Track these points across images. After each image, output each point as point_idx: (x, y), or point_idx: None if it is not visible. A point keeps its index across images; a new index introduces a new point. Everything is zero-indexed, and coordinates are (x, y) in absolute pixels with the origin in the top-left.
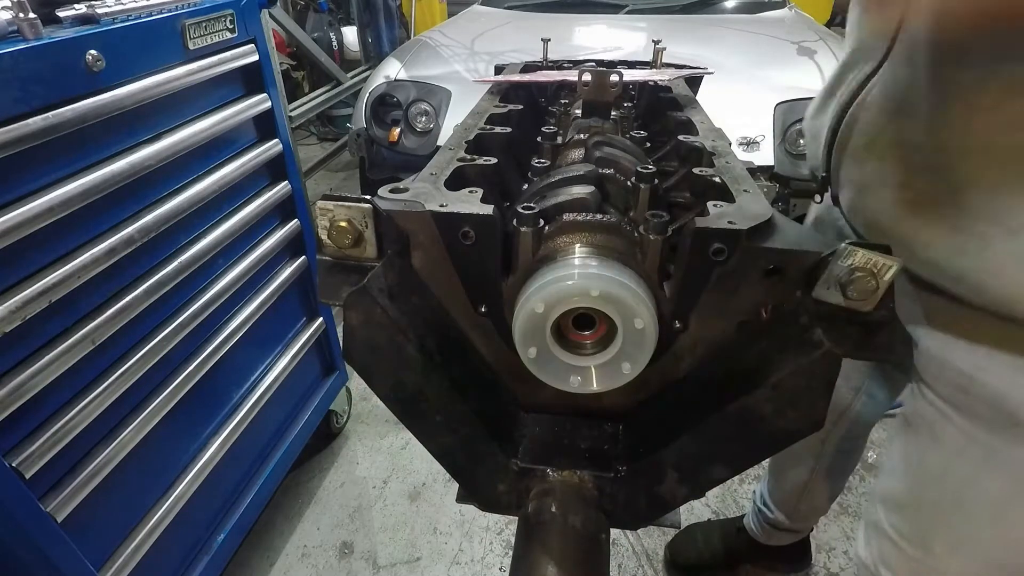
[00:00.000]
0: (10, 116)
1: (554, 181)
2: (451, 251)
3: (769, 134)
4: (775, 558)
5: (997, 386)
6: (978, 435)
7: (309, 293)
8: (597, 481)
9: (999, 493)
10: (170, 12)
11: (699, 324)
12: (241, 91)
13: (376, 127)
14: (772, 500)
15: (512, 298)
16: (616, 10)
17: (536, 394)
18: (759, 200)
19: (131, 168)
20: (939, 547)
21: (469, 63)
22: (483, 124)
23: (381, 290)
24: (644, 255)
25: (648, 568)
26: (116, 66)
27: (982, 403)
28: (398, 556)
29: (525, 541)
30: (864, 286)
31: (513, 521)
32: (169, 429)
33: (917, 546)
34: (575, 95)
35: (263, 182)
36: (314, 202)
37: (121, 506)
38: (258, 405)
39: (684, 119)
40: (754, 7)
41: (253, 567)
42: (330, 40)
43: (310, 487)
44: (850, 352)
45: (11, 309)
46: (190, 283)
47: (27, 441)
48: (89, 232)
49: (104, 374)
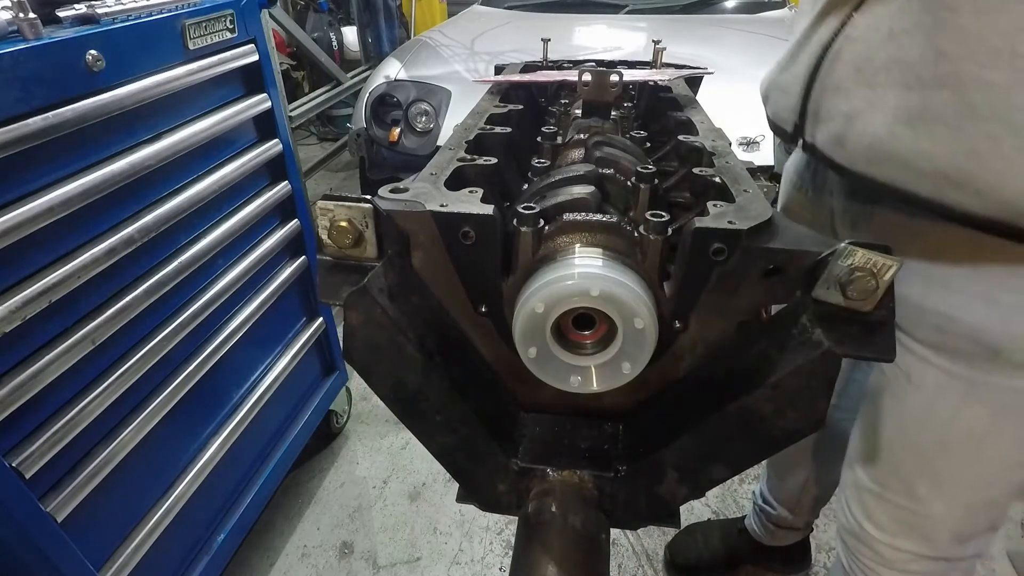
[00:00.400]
0: (10, 116)
1: (554, 181)
2: (451, 251)
3: (769, 134)
4: (775, 559)
5: (973, 322)
6: (958, 370)
7: (309, 293)
8: (597, 481)
9: (979, 426)
10: (170, 12)
11: (699, 324)
12: (241, 91)
13: (376, 127)
14: (774, 497)
15: (512, 298)
16: (616, 10)
17: (536, 394)
18: (759, 200)
19: (131, 168)
20: (923, 489)
21: (469, 63)
22: (483, 124)
23: (381, 290)
24: (644, 255)
25: (648, 568)
26: (116, 66)
27: (961, 339)
28: (398, 556)
29: (525, 541)
30: (864, 286)
31: (513, 521)
32: (169, 429)
33: (901, 493)
34: (575, 95)
35: (263, 182)
36: (314, 202)
37: (121, 506)
38: (258, 405)
39: (684, 119)
40: (754, 7)
41: (253, 567)
42: (330, 40)
43: (310, 487)
44: (850, 352)
45: (11, 309)
46: (190, 283)
47: (27, 441)
48: (89, 232)
49: (104, 374)
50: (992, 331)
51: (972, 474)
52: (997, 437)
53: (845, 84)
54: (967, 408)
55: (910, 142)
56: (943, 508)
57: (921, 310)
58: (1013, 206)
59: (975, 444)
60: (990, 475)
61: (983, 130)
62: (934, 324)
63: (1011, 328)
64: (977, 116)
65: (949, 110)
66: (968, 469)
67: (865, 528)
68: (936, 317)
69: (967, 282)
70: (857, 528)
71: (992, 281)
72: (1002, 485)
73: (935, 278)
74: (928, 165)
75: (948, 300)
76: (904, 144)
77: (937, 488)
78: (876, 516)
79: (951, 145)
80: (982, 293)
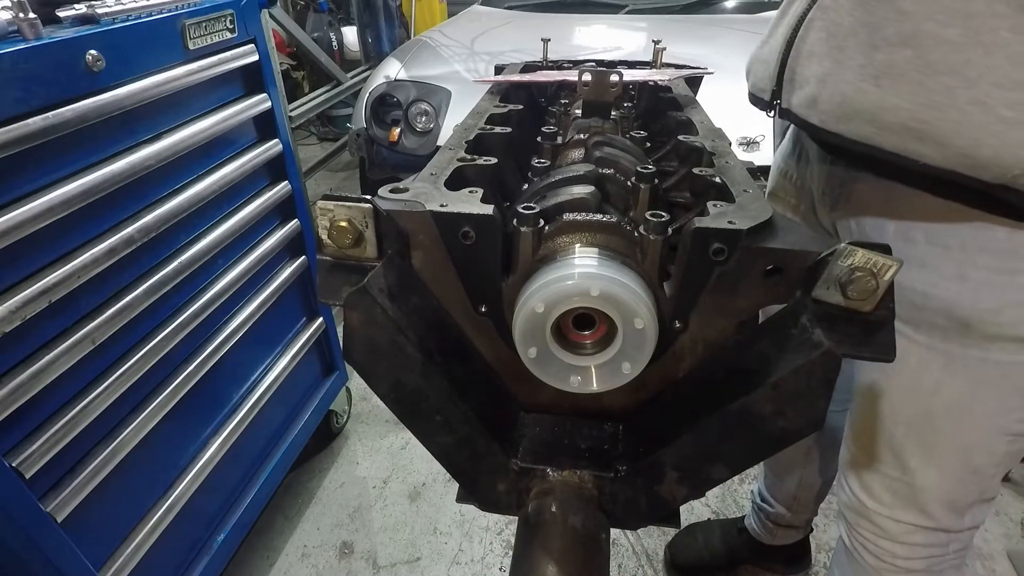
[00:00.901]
0: (10, 116)
1: (554, 181)
2: (451, 251)
3: (769, 134)
4: (775, 558)
5: (946, 298)
6: (936, 345)
7: (309, 293)
8: (597, 481)
9: (960, 397)
10: (170, 12)
11: (699, 324)
12: (241, 91)
13: (376, 127)
14: (771, 495)
15: (512, 298)
16: (616, 10)
17: (536, 394)
18: (759, 200)
19: (131, 168)
20: (914, 461)
21: (469, 63)
22: (483, 124)
23: (381, 290)
24: (644, 255)
25: (648, 568)
26: (116, 66)
27: (937, 314)
28: (398, 556)
29: (525, 541)
30: (864, 286)
31: (513, 521)
32: (169, 429)
33: (894, 466)
34: (575, 95)
35: (263, 182)
36: (314, 202)
37: (121, 506)
38: (258, 405)
39: (684, 119)
40: (754, 7)
41: (253, 567)
42: (330, 40)
43: (310, 487)
44: (850, 352)
45: (11, 309)
46: (190, 283)
47: (27, 441)
48: (89, 232)
49: (104, 374)
50: (963, 306)
51: (957, 444)
52: (977, 407)
53: (818, 49)
54: (948, 381)
55: (876, 98)
56: (934, 478)
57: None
58: (968, 156)
59: (957, 415)
60: (973, 444)
61: (941, 84)
62: (911, 301)
63: (980, 303)
64: (935, 71)
65: (911, 66)
66: (953, 439)
67: (864, 502)
68: (913, 295)
69: (940, 260)
70: (856, 503)
71: (963, 258)
72: (986, 453)
73: (912, 257)
74: (893, 118)
75: (924, 278)
76: (870, 99)
77: (926, 459)
78: (873, 489)
79: (913, 99)
80: (954, 270)
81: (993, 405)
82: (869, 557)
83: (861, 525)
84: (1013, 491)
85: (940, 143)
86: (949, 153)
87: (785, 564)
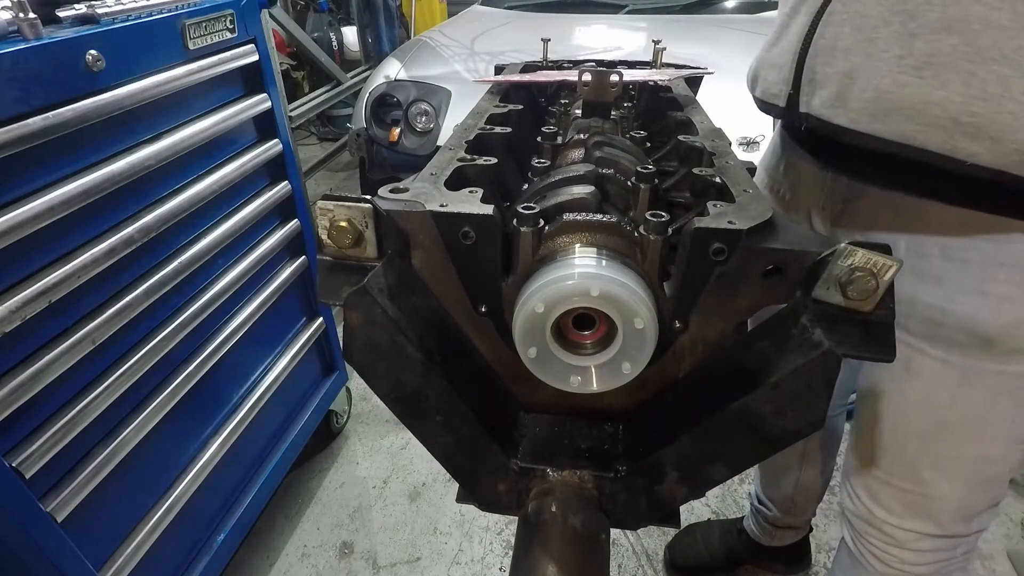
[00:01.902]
0: (10, 116)
1: (554, 181)
2: (451, 251)
3: (769, 134)
4: (775, 559)
5: (965, 313)
6: (953, 359)
7: (309, 293)
8: (597, 481)
9: (977, 409)
10: (170, 12)
11: (699, 324)
12: (241, 91)
13: (376, 127)
14: (767, 497)
15: (512, 298)
16: (616, 10)
17: (536, 394)
18: (759, 200)
19: (131, 168)
20: (927, 473)
21: (469, 63)
22: (483, 124)
23: (381, 290)
24: (644, 255)
25: (648, 568)
26: (116, 66)
27: (955, 330)
28: (398, 556)
29: (525, 541)
30: (864, 286)
31: (513, 521)
32: (169, 429)
33: (906, 478)
34: (575, 95)
35: (263, 182)
36: (314, 202)
37: (121, 506)
38: (258, 405)
39: (684, 119)
40: (754, 7)
41: (253, 567)
42: (330, 40)
43: (310, 487)
44: (850, 352)
45: (11, 309)
46: (190, 283)
47: (27, 441)
48: (89, 232)
49: (104, 374)
50: (984, 322)
51: (973, 455)
52: (994, 418)
53: (843, 43)
54: (964, 394)
55: (919, 91)
56: (947, 489)
57: (913, 304)
58: None
59: (974, 427)
60: (990, 454)
61: (994, 72)
62: (927, 317)
63: (1001, 318)
64: (986, 59)
65: (958, 54)
66: (969, 450)
67: (873, 511)
68: (930, 311)
69: (958, 275)
70: (865, 512)
71: (981, 273)
72: (1002, 463)
73: (928, 272)
74: (940, 112)
75: (940, 294)
76: (912, 93)
77: (940, 471)
78: (883, 500)
79: (962, 90)
80: (972, 286)
81: (1011, 415)
82: (876, 563)
83: (869, 533)
84: (1013, 491)
85: (994, 138)
86: (1004, 149)
87: (785, 564)
